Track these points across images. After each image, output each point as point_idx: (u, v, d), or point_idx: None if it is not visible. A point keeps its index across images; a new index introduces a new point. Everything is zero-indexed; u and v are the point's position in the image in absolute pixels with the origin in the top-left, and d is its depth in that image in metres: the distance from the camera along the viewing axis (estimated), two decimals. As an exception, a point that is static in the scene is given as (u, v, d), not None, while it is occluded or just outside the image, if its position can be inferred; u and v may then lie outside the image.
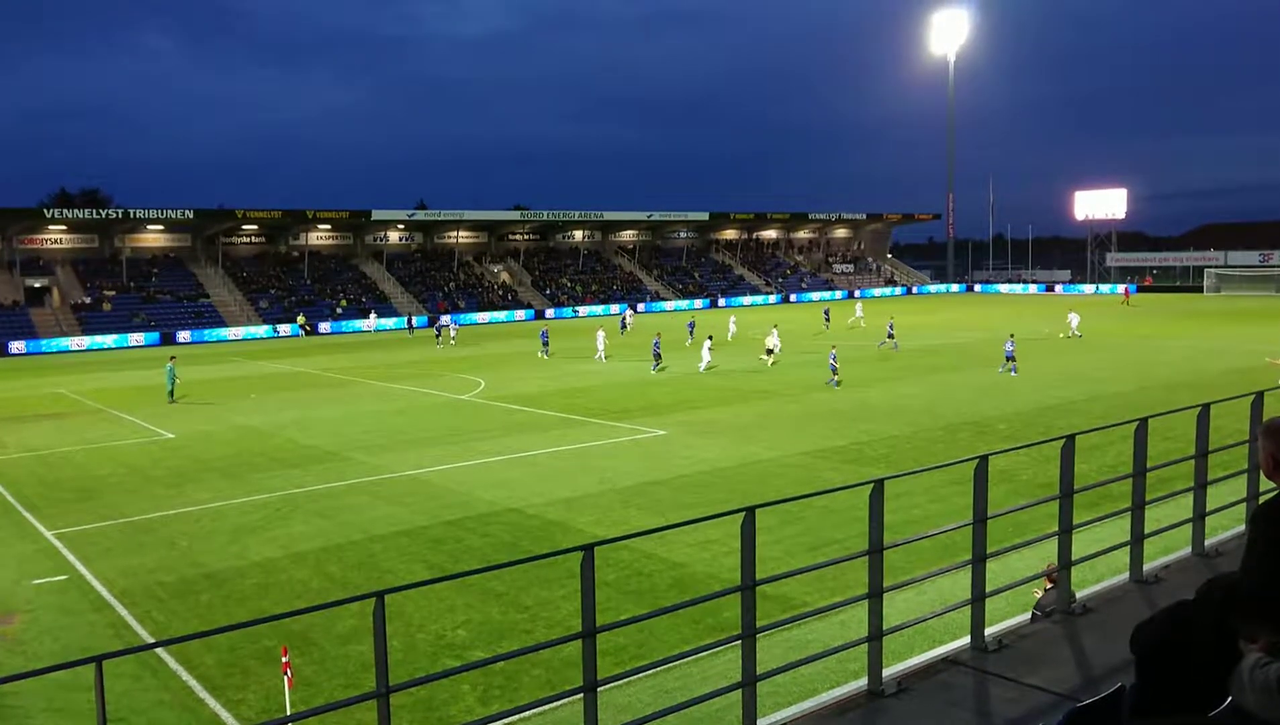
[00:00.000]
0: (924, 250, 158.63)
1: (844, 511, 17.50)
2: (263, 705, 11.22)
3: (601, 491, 20.96)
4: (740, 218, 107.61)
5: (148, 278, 77.74)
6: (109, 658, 4.64)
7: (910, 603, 12.59)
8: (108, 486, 23.09)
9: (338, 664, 12.28)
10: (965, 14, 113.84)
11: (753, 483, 21.29)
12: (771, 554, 15.32)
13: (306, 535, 18.31)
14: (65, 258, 76.96)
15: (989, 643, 7.39)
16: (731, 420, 29.21)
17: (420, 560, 16.65)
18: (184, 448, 27.70)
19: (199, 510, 20.48)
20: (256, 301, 78.11)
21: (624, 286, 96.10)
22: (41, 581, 16.17)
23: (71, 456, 27.07)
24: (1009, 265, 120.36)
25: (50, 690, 11.51)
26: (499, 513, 19.49)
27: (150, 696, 11.55)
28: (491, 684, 11.51)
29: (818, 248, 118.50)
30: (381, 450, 26.29)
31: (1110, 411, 27.54)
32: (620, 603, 13.90)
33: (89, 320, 70.63)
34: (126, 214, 76.14)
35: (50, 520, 20.07)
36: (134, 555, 17.42)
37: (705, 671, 11.17)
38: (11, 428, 32.43)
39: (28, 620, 14.41)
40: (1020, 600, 10.83)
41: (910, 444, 24.99)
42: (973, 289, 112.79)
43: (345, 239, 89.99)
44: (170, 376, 37.29)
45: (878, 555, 6.97)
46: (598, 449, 25.64)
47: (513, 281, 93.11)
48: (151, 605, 14.84)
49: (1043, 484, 19.46)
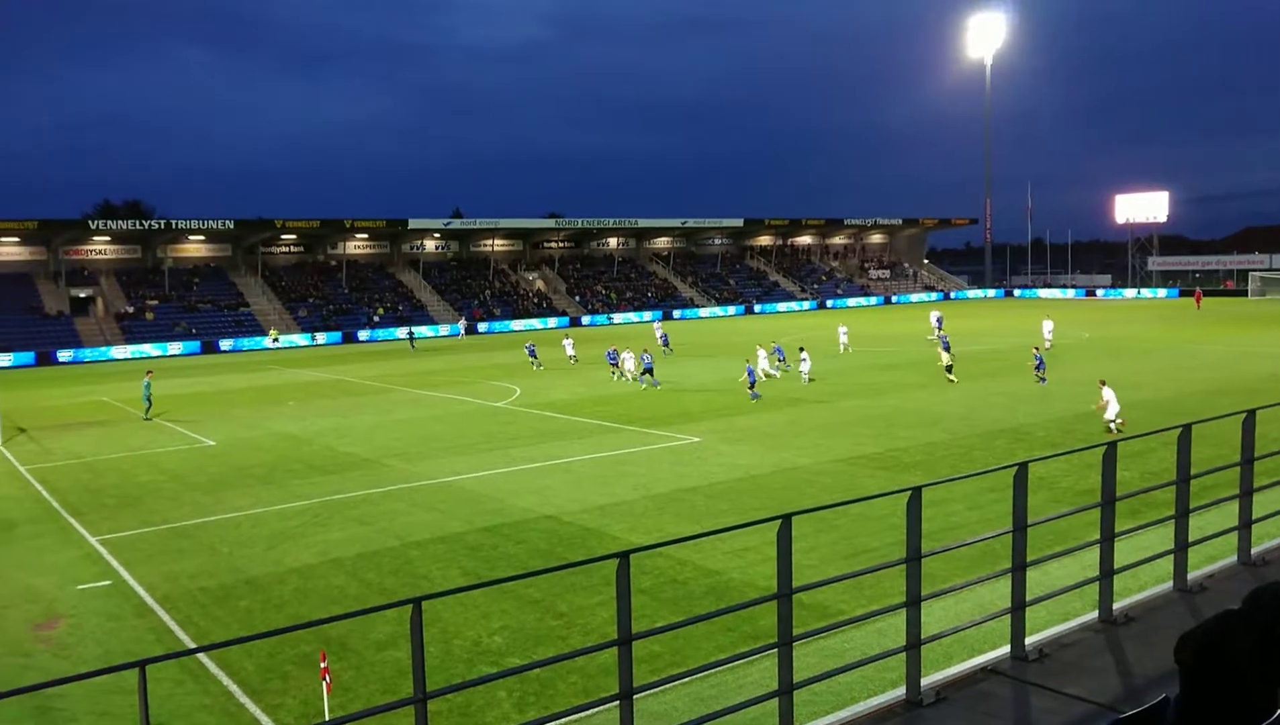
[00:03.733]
0: (961, 255, 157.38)
1: (880, 519, 17.36)
2: (301, 710, 11.32)
3: (636, 498, 20.95)
4: (775, 224, 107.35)
5: (189, 287, 78.92)
6: (151, 662, 4.70)
7: (949, 611, 12.46)
8: (150, 493, 23.43)
9: (375, 670, 12.36)
10: (1002, 16, 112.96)
11: (787, 490, 21.19)
12: (807, 562, 15.24)
13: (344, 542, 18.46)
14: (109, 268, 78.34)
15: (1029, 652, 7.31)
16: (764, 427, 29.11)
17: (456, 567, 16.73)
18: (224, 455, 28.05)
19: (239, 516, 20.73)
20: (295, 310, 79.02)
21: (658, 294, 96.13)
22: (86, 586, 16.43)
23: (115, 463, 27.50)
24: (1048, 270, 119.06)
25: (94, 694, 11.69)
26: (534, 519, 19.54)
27: (191, 701, 11.69)
28: (527, 691, 11.53)
29: (853, 253, 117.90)
30: (418, 457, 26.47)
31: (1151, 418, 27.13)
32: (655, 610, 13.87)
33: (132, 329, 71.80)
34: (168, 224, 77.41)
35: (94, 526, 20.40)
36: (175, 561, 17.65)
37: (741, 680, 11.12)
38: (57, 435, 33.02)
39: (72, 625, 14.64)
40: (1061, 609, 10.68)
41: (947, 451, 24.76)
42: (1011, 294, 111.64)
43: (382, 248, 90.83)
44: (146, 391, 36.10)
45: (915, 563, 6.91)
46: (632, 456, 25.65)
47: (547, 289, 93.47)
48: (193, 610, 15.03)
49: (1083, 491, 19.20)
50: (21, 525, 20.90)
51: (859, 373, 41.54)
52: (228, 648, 12.97)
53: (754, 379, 35.34)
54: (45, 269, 75.77)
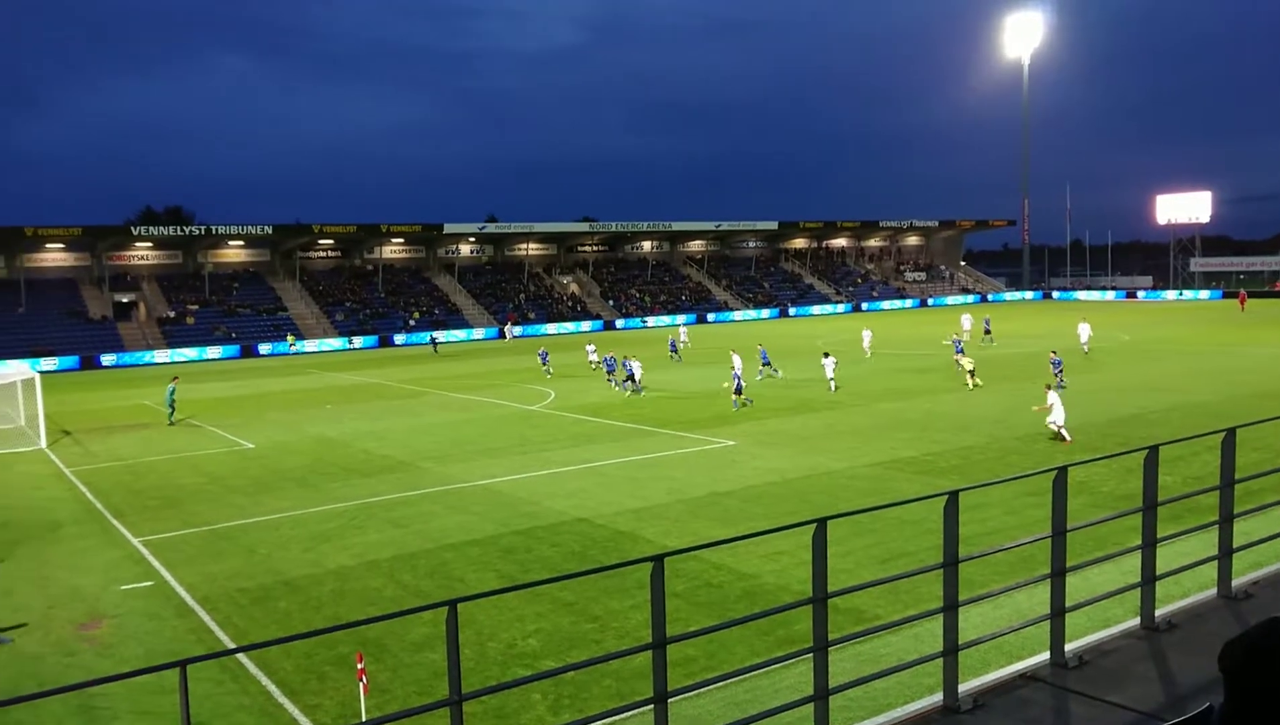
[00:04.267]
0: (998, 257, 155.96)
1: (916, 523, 17.22)
2: (339, 711, 11.41)
3: (670, 502, 20.93)
4: (809, 226, 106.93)
5: (229, 291, 79.97)
6: (192, 662, 4.76)
7: (986, 617, 12.32)
8: (191, 495, 23.76)
9: (411, 671, 12.43)
10: (1040, 15, 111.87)
11: (822, 494, 21.08)
12: (842, 566, 15.14)
13: (380, 544, 18.61)
14: (151, 273, 79.60)
15: (1069, 659, 7.21)
16: (799, 430, 28.98)
17: (491, 569, 16.80)
18: (263, 458, 28.38)
19: (277, 518, 20.96)
20: (332, 314, 79.81)
21: (692, 297, 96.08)
22: (128, 587, 16.68)
23: (156, 466, 27.91)
24: (1087, 271, 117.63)
25: (136, 693, 11.86)
26: (569, 522, 19.58)
27: (231, 700, 11.82)
28: (562, 693, 11.55)
29: (889, 256, 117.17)
30: (453, 460, 26.62)
31: (1193, 422, 26.70)
32: (690, 614, 13.85)
33: (173, 333, 72.87)
34: (209, 230, 78.55)
35: (137, 527, 20.71)
36: (215, 562, 17.88)
37: (776, 684, 11.07)
38: (100, 438, 33.57)
39: (115, 625, 14.87)
40: (1102, 615, 10.54)
41: (984, 455, 24.51)
42: (1049, 296, 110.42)
43: (417, 252, 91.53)
44: (170, 397, 36.23)
45: (953, 568, 6.84)
46: (666, 459, 25.63)
47: (581, 293, 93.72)
48: (232, 611, 15.21)
49: (1124, 496, 18.93)
50: (66, 526, 21.27)
51: (894, 376, 41.25)
52: (266, 648, 13.10)
53: (740, 385, 34.20)
54: (89, 274, 77.12)
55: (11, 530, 21.02)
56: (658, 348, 55.22)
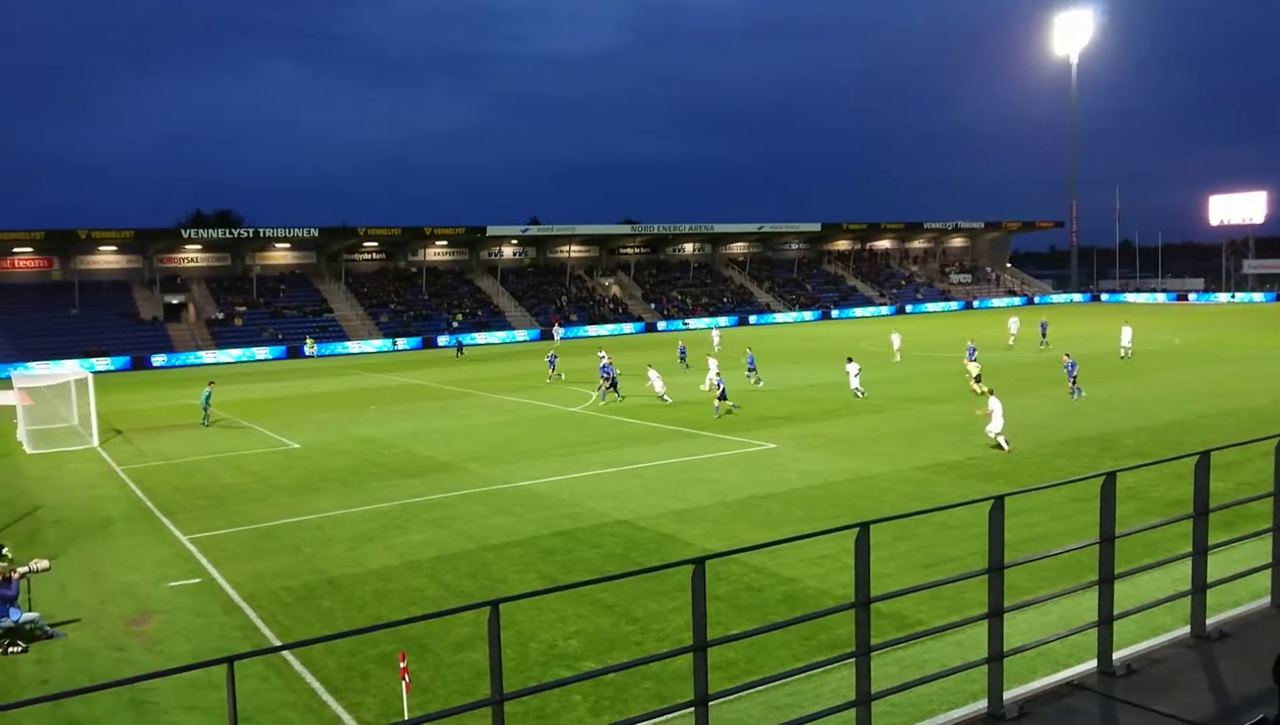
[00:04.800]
0: (1045, 259, 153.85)
1: (961, 528, 17.04)
2: (381, 709, 11.52)
3: (711, 504, 20.89)
4: (853, 228, 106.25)
5: (275, 293, 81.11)
6: (239, 659, 4.82)
7: (1032, 623, 12.15)
8: (237, 494, 24.12)
9: (452, 671, 12.52)
10: (1090, 13, 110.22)
11: (865, 498, 20.92)
12: (885, 571, 15.01)
13: (422, 544, 18.76)
14: (200, 275, 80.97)
15: (1117, 667, 7.09)
16: (842, 433, 28.79)
17: (532, 570, 16.86)
18: (307, 458, 28.74)
19: (321, 518, 21.21)
20: (377, 316, 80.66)
21: (734, 299, 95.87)
22: (176, 584, 16.97)
23: (203, 465, 28.37)
24: (1137, 274, 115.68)
25: (184, 688, 12.05)
26: (609, 524, 19.61)
27: (276, 697, 11.98)
28: (602, 695, 11.57)
29: (933, 257, 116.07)
30: (495, 461, 26.78)
31: (1246, 427, 26.15)
32: (731, 617, 13.81)
33: (221, 334, 74.06)
34: (256, 233, 79.77)
35: (184, 525, 21.07)
36: (261, 560, 18.13)
37: (817, 689, 11.00)
38: (150, 437, 34.19)
39: (163, 621, 15.14)
40: (1151, 623, 10.34)
41: (1030, 459, 24.18)
42: (1098, 298, 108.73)
43: (461, 254, 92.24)
44: (205, 400, 36.77)
45: (998, 573, 6.75)
46: (707, 462, 25.58)
47: (623, 295, 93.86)
48: (277, 609, 15.41)
49: (1174, 502, 18.59)
50: (117, 523, 21.69)
51: (937, 379, 40.84)
52: (311, 646, 13.27)
53: (724, 391, 33.64)
54: (141, 276, 78.61)
55: (65, 528, 21.48)
56: (694, 350, 55.04)
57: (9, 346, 66.02)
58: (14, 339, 67.04)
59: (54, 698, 7.95)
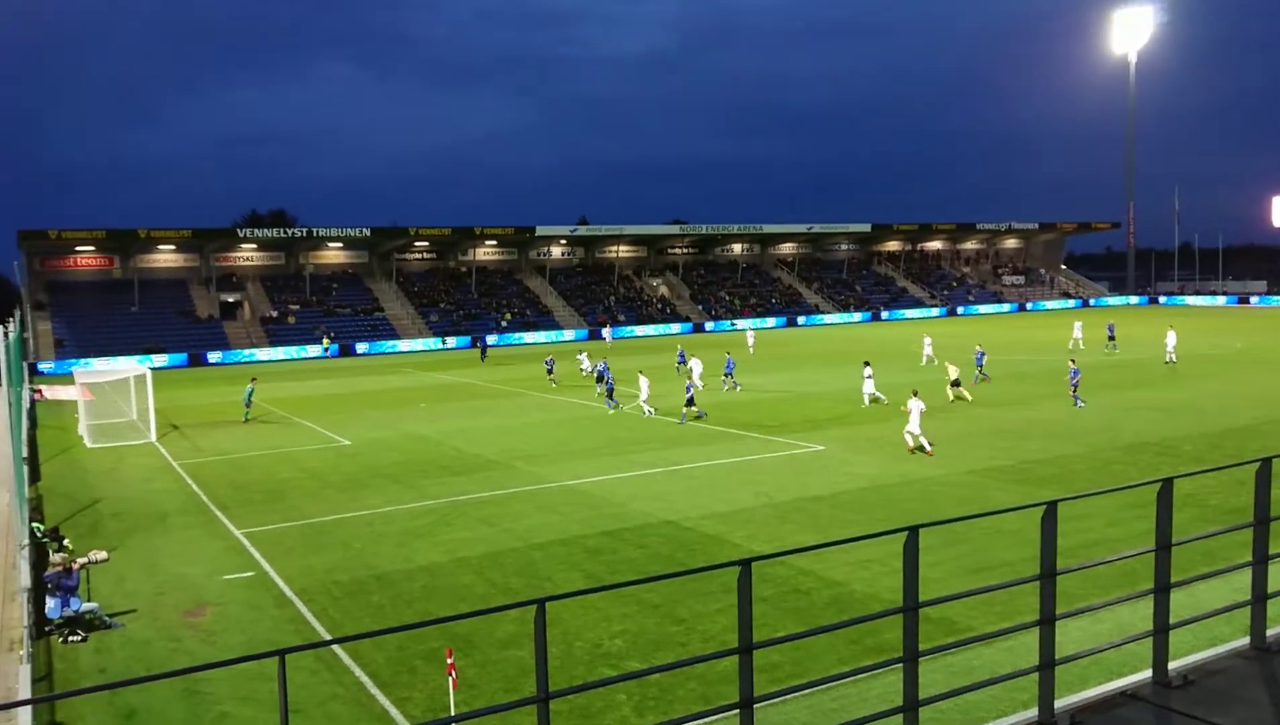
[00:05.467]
0: (1101, 261, 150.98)
1: (1013, 533, 16.79)
2: (428, 704, 11.63)
3: (758, 506, 20.80)
4: (904, 229, 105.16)
5: (328, 292, 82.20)
6: (291, 652, 4.89)
7: (1085, 631, 11.95)
8: (290, 489, 24.49)
9: (498, 667, 12.60)
10: (1149, 9, 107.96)
11: (914, 501, 20.70)
12: (934, 575, 14.83)
13: (470, 541, 18.91)
14: (255, 274, 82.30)
15: (1173, 678, 6.93)
16: (891, 436, 28.49)
17: (578, 569, 16.92)
18: (359, 454, 29.10)
19: (371, 514, 21.46)
20: (427, 315, 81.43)
21: (783, 300, 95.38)
22: (231, 577, 17.28)
23: (257, 460, 28.85)
24: (1196, 276, 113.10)
25: (237, 679, 12.28)
26: (655, 524, 19.61)
27: (325, 690, 12.15)
28: (647, 695, 11.57)
29: (985, 259, 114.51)
30: (542, 460, 26.90)
31: (1312, 433, 25.45)
32: (777, 619, 13.74)
33: (275, 332, 75.23)
34: (310, 232, 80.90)
35: (239, 520, 21.44)
36: (313, 555, 18.40)
37: (864, 693, 10.91)
38: (206, 433, 34.85)
39: (218, 613, 15.42)
40: (1209, 633, 10.11)
41: (1085, 464, 23.76)
42: (1155, 301, 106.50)
43: (510, 254, 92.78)
44: (248, 397, 37.78)
45: (1050, 580, 6.63)
46: (754, 463, 25.48)
47: (671, 295, 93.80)
48: (327, 603, 15.63)
49: (1234, 510, 18.16)
50: (174, 516, 22.14)
51: (992, 383, 40.25)
52: (360, 640, 13.44)
53: (692, 396, 33.08)
54: (198, 275, 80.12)
55: (125, 520, 21.97)
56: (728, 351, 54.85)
57: (71, 343, 67.71)
58: (76, 335, 68.72)
59: (111, 686, 8.14)
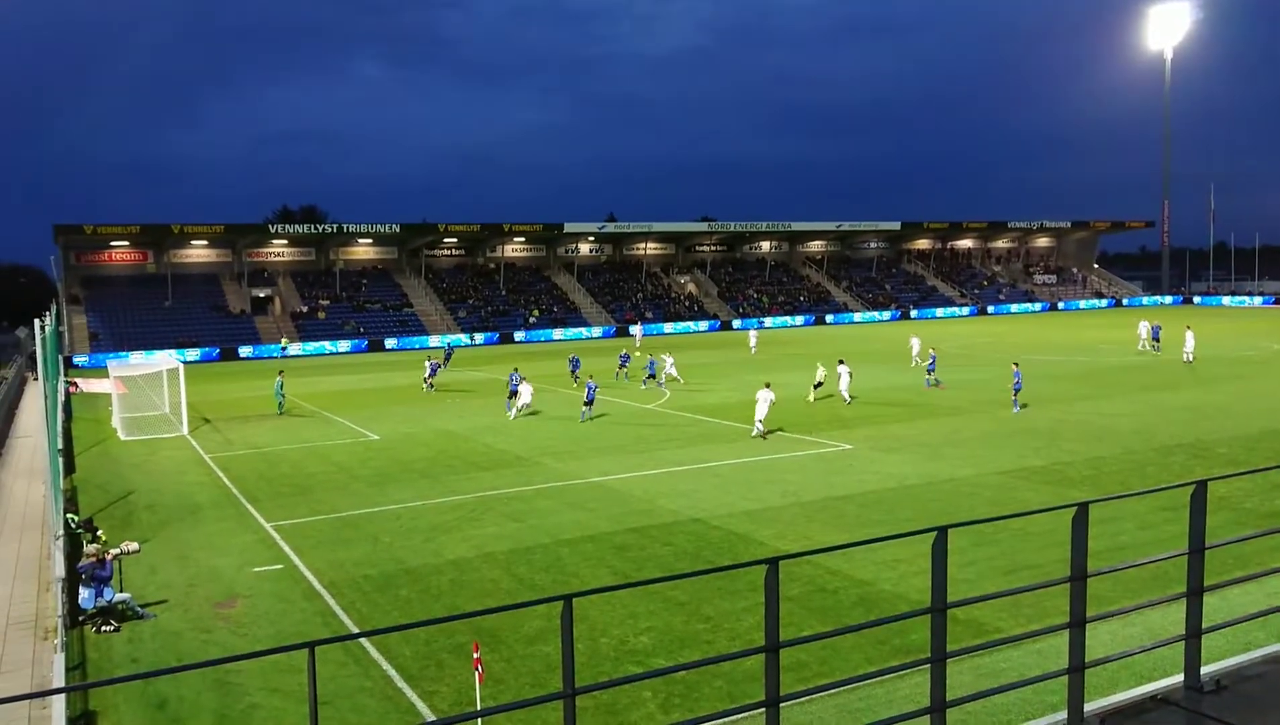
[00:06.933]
0: (1135, 260, 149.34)
1: (1042, 535, 16.64)
2: (455, 698, 11.69)
3: (785, 504, 20.74)
4: (934, 227, 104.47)
5: (358, 288, 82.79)
6: (320, 644, 4.93)
7: (1116, 635, 11.83)
8: (319, 483, 24.69)
9: (525, 663, 12.64)
10: (1186, 6, 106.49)
11: (943, 501, 20.56)
12: (963, 576, 14.75)
13: (497, 537, 18.98)
14: (286, 269, 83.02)
15: (1205, 682, 6.84)
16: (920, 436, 28.33)
17: (605, 566, 16.95)
18: (387, 449, 29.28)
19: (400, 509, 21.60)
20: (455, 311, 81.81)
21: (811, 297, 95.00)
22: (260, 569, 17.45)
23: (287, 454, 29.11)
24: (1232, 276, 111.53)
25: (267, 670, 12.40)
26: (682, 522, 19.60)
27: (353, 683, 12.24)
28: (673, 692, 11.57)
29: (1017, 257, 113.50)
30: (570, 456, 26.96)
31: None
32: (803, 618, 13.70)
33: (305, 327, 75.84)
34: (340, 228, 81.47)
35: (269, 513, 21.65)
36: (341, 549, 18.54)
37: (891, 694, 10.85)
38: (237, 426, 35.20)
39: (248, 605, 15.57)
40: (1243, 638, 9.98)
41: (1117, 466, 23.51)
42: (1190, 301, 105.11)
43: (538, 251, 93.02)
44: (279, 390, 37.97)
45: (1080, 582, 6.57)
46: (781, 462, 25.40)
47: (699, 292, 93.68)
48: (356, 597, 15.75)
49: (1268, 514, 17.91)
50: (206, 509, 22.38)
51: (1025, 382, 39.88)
52: (388, 634, 13.53)
53: (592, 398, 33.36)
54: (230, 270, 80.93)
55: (158, 512, 22.24)
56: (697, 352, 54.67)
57: (106, 336, 68.63)
58: (110, 329, 69.65)
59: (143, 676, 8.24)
